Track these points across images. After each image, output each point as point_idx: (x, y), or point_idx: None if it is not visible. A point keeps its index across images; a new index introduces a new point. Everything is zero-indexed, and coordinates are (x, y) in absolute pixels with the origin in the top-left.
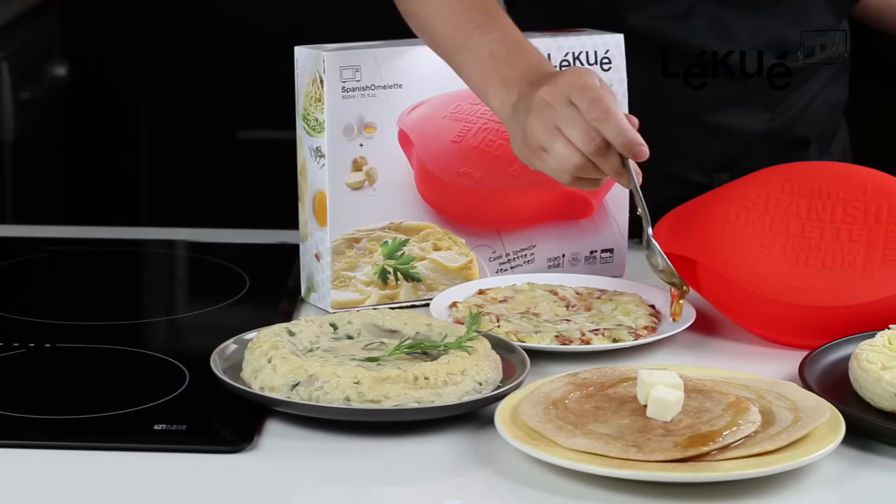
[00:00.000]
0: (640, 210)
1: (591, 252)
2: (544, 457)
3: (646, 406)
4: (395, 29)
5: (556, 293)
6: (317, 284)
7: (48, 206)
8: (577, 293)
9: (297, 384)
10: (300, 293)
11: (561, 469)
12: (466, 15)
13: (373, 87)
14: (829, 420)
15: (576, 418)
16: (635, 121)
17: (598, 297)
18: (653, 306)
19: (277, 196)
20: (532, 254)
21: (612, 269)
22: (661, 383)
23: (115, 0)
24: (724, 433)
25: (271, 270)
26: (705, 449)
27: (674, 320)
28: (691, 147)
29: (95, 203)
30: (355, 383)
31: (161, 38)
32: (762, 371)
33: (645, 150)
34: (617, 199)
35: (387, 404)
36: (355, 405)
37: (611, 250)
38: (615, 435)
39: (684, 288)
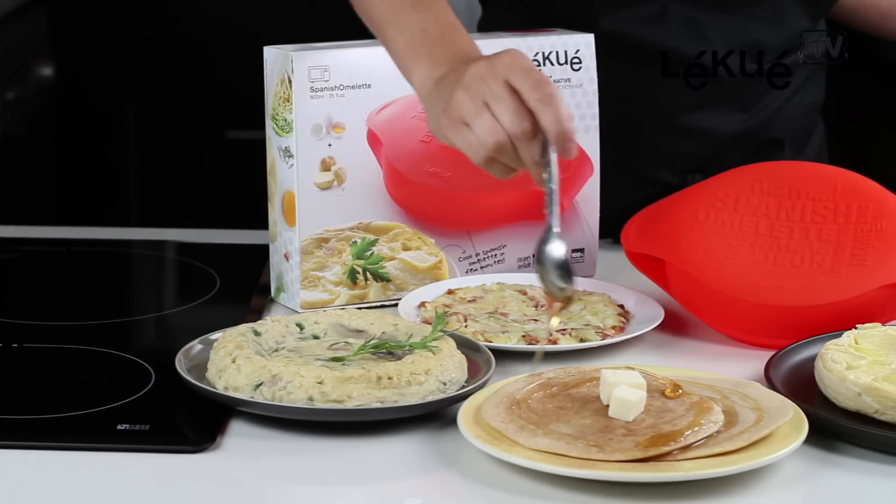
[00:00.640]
0: (547, 209)
1: None
2: (505, 456)
3: (608, 406)
4: None
5: (525, 293)
6: (286, 284)
7: (34, 206)
8: None
9: (260, 384)
10: (270, 293)
11: (523, 469)
12: None
13: (341, 88)
14: (792, 420)
15: (538, 418)
16: (572, 116)
17: None
18: (622, 306)
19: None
20: (502, 254)
21: (583, 269)
22: (624, 383)
23: (103, 0)
24: (686, 433)
25: (243, 270)
26: (666, 449)
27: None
28: (664, 148)
29: (82, 203)
30: (318, 383)
31: (149, 39)
32: (730, 371)
33: (574, 149)
34: (588, 200)
35: (350, 404)
36: (318, 405)
37: (581, 250)
38: (577, 435)
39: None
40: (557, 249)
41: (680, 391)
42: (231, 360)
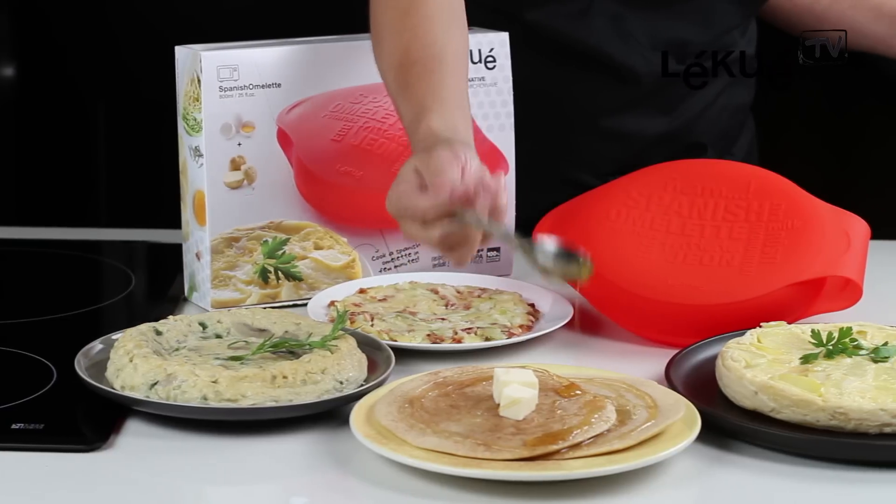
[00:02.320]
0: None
1: (478, 251)
2: (392, 455)
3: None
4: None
5: (437, 292)
6: (198, 284)
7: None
8: (458, 292)
9: (155, 383)
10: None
11: (413, 469)
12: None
13: (251, 87)
14: (685, 418)
15: (430, 417)
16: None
17: (479, 296)
18: (532, 305)
19: None
20: (416, 253)
21: (499, 268)
22: (516, 382)
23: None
24: (575, 432)
25: (159, 270)
26: (554, 447)
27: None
28: (587, 151)
29: (44, 204)
30: (213, 382)
31: (120, 38)
32: (638, 369)
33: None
34: None
35: (244, 403)
36: (212, 404)
37: (497, 249)
38: (466, 434)
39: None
40: (549, 246)
41: (576, 391)
42: (129, 360)
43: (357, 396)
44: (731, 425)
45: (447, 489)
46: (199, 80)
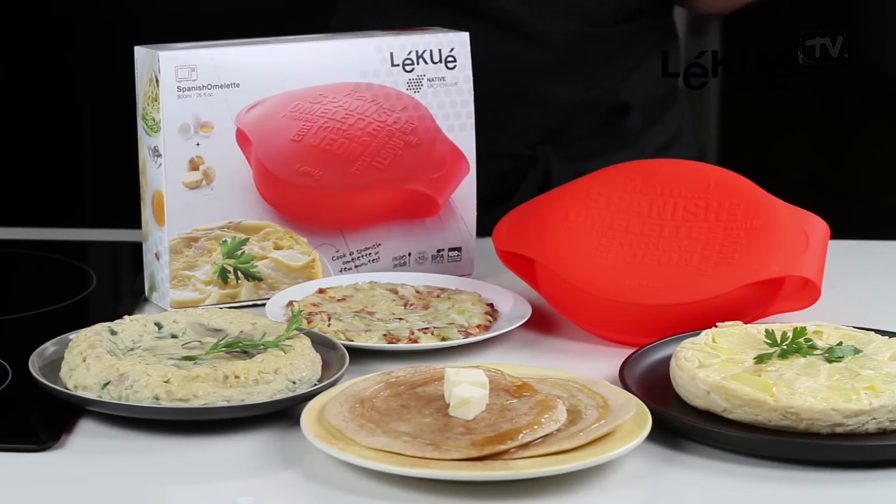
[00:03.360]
0: None
1: (439, 251)
2: (340, 455)
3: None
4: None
5: (396, 292)
6: (158, 283)
7: None
8: (418, 292)
9: (108, 383)
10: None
11: (363, 469)
12: None
13: (209, 87)
14: (636, 418)
15: (380, 417)
16: None
17: (438, 296)
18: (491, 305)
19: None
20: (377, 252)
21: (461, 268)
22: (466, 382)
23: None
24: (524, 432)
25: (121, 270)
26: (502, 447)
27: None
28: (514, 121)
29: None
30: (165, 382)
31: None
32: (595, 369)
33: None
34: (464, 198)
35: (196, 403)
36: (164, 404)
37: (458, 249)
38: (415, 434)
39: None
40: None
41: (528, 391)
42: (82, 360)
43: (309, 396)
44: (682, 425)
45: (396, 489)
46: (157, 80)
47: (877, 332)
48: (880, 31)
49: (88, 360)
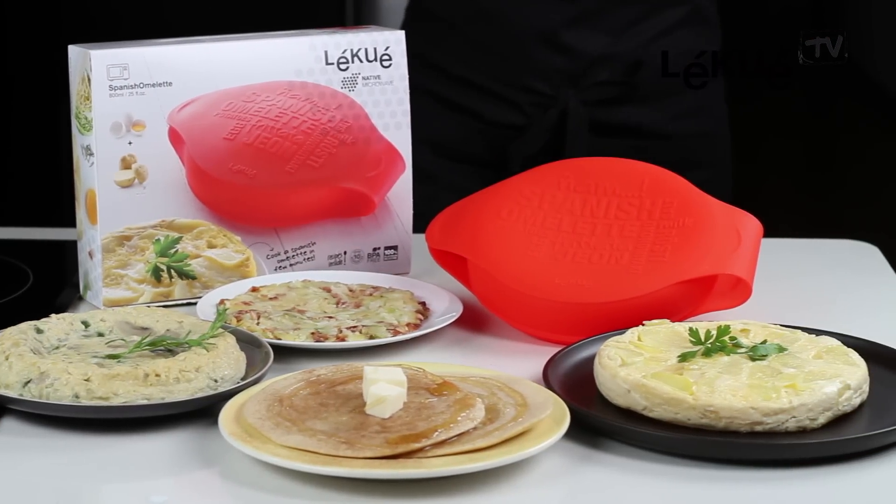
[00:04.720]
0: None
1: (375, 249)
2: (254, 453)
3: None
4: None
5: (329, 290)
6: (91, 282)
7: None
8: (351, 290)
9: (28, 381)
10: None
11: (279, 468)
12: None
13: (141, 86)
14: (554, 416)
15: (297, 415)
16: None
17: (370, 295)
18: (423, 303)
19: None
20: (312, 251)
21: (397, 266)
22: (384, 380)
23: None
24: (438, 430)
25: (58, 269)
26: (416, 446)
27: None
28: (539, 62)
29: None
30: (85, 380)
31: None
32: (524, 367)
33: None
34: (400, 197)
35: (116, 401)
36: (84, 402)
37: (395, 247)
38: (331, 432)
39: None
40: None
41: (447, 389)
42: (4, 358)
43: (230, 395)
44: (602, 424)
45: (310, 488)
46: (89, 79)
47: (804, 330)
48: (868, 32)
49: (11, 358)
